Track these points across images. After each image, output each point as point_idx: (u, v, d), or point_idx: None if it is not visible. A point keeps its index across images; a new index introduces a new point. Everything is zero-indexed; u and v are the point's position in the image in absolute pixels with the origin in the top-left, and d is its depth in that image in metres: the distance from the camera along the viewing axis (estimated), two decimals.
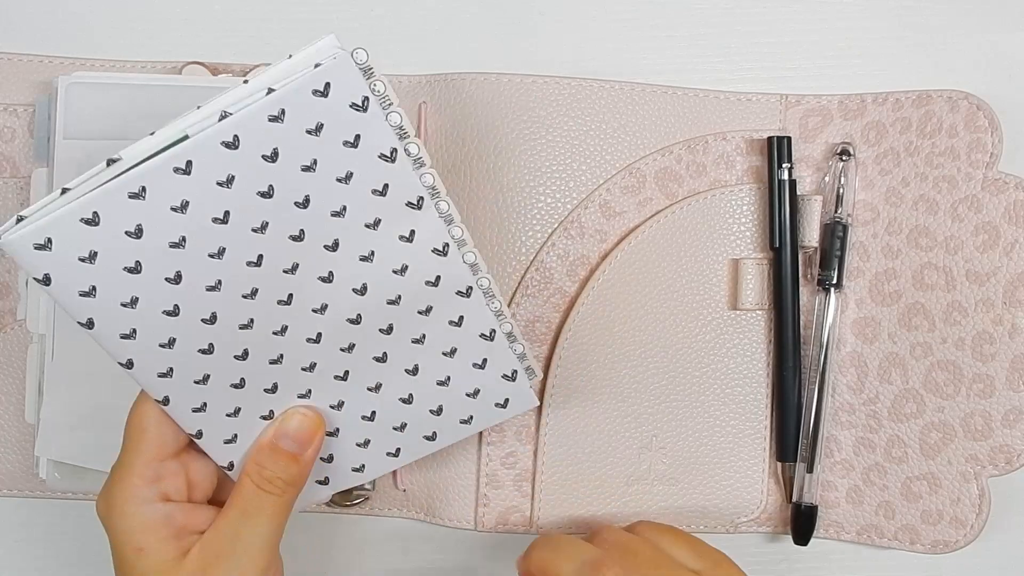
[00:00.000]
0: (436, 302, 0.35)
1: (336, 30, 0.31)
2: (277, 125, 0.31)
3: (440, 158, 0.46)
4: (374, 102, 0.31)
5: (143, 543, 0.34)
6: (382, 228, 0.34)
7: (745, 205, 0.46)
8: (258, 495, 0.35)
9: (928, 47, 0.47)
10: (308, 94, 0.30)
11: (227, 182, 0.31)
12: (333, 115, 0.31)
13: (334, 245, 0.33)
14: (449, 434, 0.39)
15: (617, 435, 0.46)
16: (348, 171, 0.32)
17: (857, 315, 0.46)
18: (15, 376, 0.46)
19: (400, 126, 0.32)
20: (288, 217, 0.32)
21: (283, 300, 0.34)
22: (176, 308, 0.33)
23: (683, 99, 0.46)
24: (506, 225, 0.45)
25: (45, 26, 0.47)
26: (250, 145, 0.31)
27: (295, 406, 0.36)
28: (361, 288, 0.34)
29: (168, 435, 0.35)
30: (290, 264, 0.33)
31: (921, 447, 0.45)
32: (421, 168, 0.33)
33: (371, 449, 0.38)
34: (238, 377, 0.35)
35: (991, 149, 0.45)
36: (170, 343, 0.33)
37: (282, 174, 0.31)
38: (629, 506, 0.46)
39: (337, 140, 0.31)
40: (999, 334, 0.44)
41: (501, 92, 0.46)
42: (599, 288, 0.45)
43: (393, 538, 0.47)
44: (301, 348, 0.35)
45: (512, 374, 0.38)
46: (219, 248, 0.32)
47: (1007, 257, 0.44)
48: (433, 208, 0.34)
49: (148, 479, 0.34)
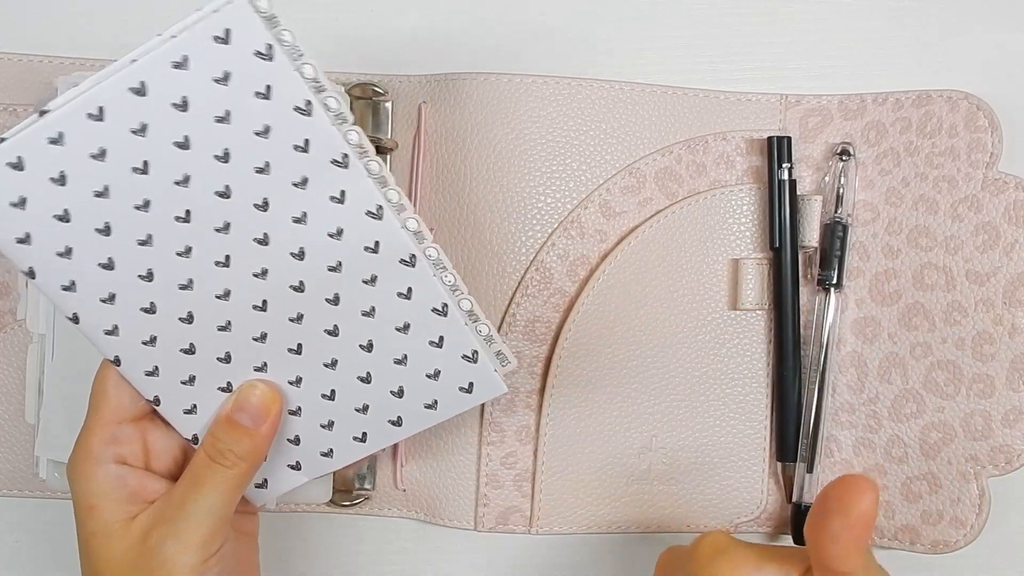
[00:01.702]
0: (379, 271, 0.35)
1: (336, 30, 0.31)
2: (182, 72, 0.31)
3: (440, 158, 0.46)
4: (281, 51, 0.31)
5: (95, 502, 0.35)
6: (311, 187, 0.33)
7: (745, 205, 0.46)
8: (209, 466, 0.35)
9: (928, 47, 0.47)
10: (208, 40, 0.31)
11: (141, 130, 0.31)
12: (238, 63, 0.31)
13: (264, 204, 0.33)
14: (415, 420, 0.38)
15: (617, 435, 0.46)
16: (265, 124, 0.32)
17: (857, 315, 0.46)
18: (15, 376, 0.46)
19: (315, 79, 0.32)
20: (210, 171, 0.33)
21: (220, 262, 0.34)
22: (111, 261, 0.33)
23: (683, 99, 0.46)
24: (506, 225, 0.45)
25: (45, 26, 0.47)
26: (158, 92, 0.31)
27: (253, 379, 0.36)
28: (299, 252, 0.34)
29: (125, 398, 0.36)
30: (221, 223, 0.33)
31: (921, 447, 0.45)
32: (344, 124, 0.33)
33: (336, 432, 0.38)
34: (187, 342, 0.35)
35: (991, 149, 0.45)
36: (110, 298, 0.34)
37: (196, 124, 0.32)
38: (629, 506, 0.46)
39: (247, 90, 0.32)
40: (999, 334, 0.44)
41: (501, 92, 0.46)
42: (599, 288, 0.45)
43: (393, 538, 0.47)
44: (248, 315, 0.35)
45: (472, 355, 0.37)
46: (144, 200, 0.33)
47: (1007, 257, 0.44)
48: (362, 167, 0.33)
49: (105, 440, 0.35)
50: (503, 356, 0.38)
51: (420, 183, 0.46)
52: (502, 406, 0.46)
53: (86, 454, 0.35)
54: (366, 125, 0.46)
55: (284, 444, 0.38)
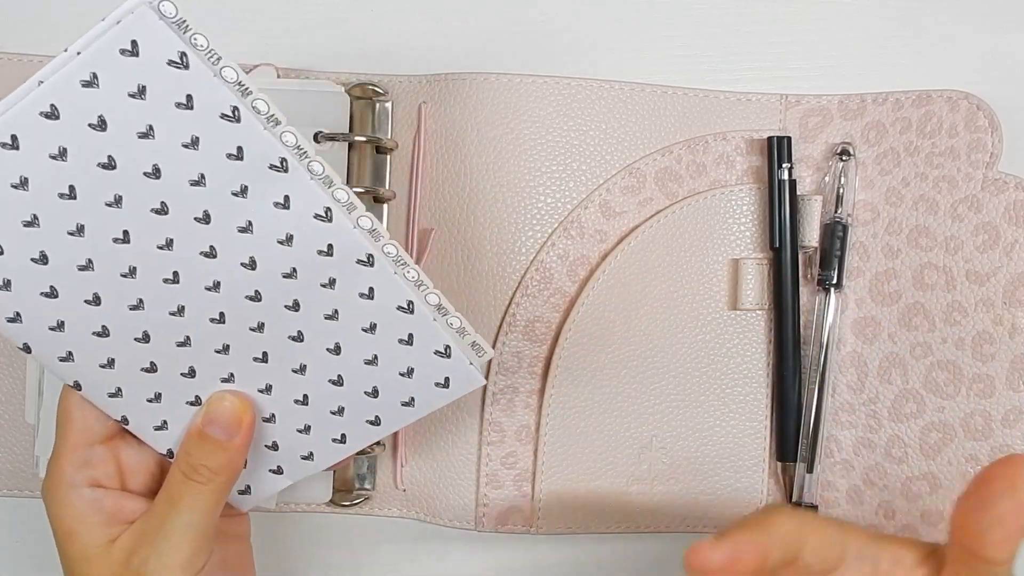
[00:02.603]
0: (337, 273, 0.34)
1: (335, 29, 0.31)
2: (93, 91, 0.29)
3: (440, 158, 0.46)
4: (196, 57, 0.30)
5: (72, 528, 0.34)
6: (252, 195, 0.32)
7: (745, 205, 0.46)
8: (184, 483, 0.35)
9: (928, 47, 0.47)
10: (116, 54, 0.29)
11: (60, 155, 0.30)
12: (153, 75, 0.30)
13: (205, 217, 0.32)
14: (393, 418, 0.37)
15: (617, 435, 0.46)
16: (192, 135, 0.31)
17: (857, 315, 0.46)
18: (15, 376, 0.46)
19: (239, 82, 0.30)
20: (142, 189, 0.31)
21: (169, 278, 0.33)
22: (53, 289, 0.32)
23: (683, 99, 0.46)
24: (506, 225, 0.45)
25: (45, 26, 0.47)
26: (71, 114, 0.30)
27: (221, 391, 0.36)
28: (250, 262, 0.33)
29: (91, 420, 0.35)
30: (163, 240, 0.32)
31: (921, 447, 0.45)
32: (278, 127, 0.31)
33: (314, 435, 0.37)
34: (147, 361, 0.34)
35: (991, 149, 0.45)
36: (59, 326, 0.33)
37: (118, 143, 0.30)
38: (629, 506, 0.46)
39: (167, 102, 0.30)
40: (999, 334, 0.44)
41: (501, 92, 0.46)
42: (599, 288, 0.45)
43: (393, 538, 0.47)
44: (206, 328, 0.34)
45: (445, 350, 0.36)
46: (77, 225, 0.31)
47: (1007, 257, 0.44)
48: (303, 169, 0.32)
49: (76, 464, 0.35)
50: (478, 346, 0.37)
51: (420, 183, 0.46)
52: (502, 406, 0.46)
53: (59, 480, 0.35)
54: (366, 125, 0.46)
55: (263, 450, 0.37)
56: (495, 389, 0.45)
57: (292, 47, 0.47)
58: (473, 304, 0.45)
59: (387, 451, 0.46)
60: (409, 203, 0.46)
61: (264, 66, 0.46)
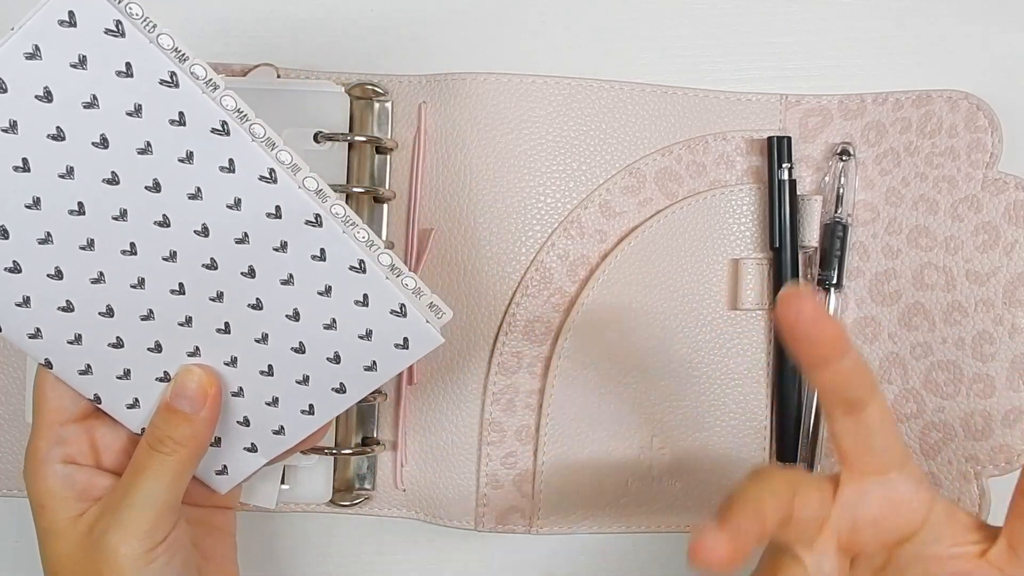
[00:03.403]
0: (288, 236, 0.34)
1: (336, 29, 0.31)
2: (36, 62, 0.31)
3: (440, 158, 0.46)
4: (131, 25, 0.31)
5: (44, 502, 0.35)
6: (198, 160, 0.33)
7: (745, 205, 0.46)
8: (149, 454, 0.35)
9: (928, 47, 0.47)
10: (54, 25, 0.30)
11: (11, 127, 0.31)
12: (91, 45, 0.31)
13: (155, 185, 0.33)
14: (358, 384, 0.37)
15: (617, 435, 0.46)
16: (135, 103, 0.32)
17: (857, 315, 0.46)
18: (15, 376, 0.46)
19: (175, 48, 0.32)
20: (91, 159, 0.32)
21: (126, 250, 0.34)
22: (16, 265, 0.33)
23: (683, 99, 0.46)
24: (506, 225, 0.45)
25: None
26: (18, 86, 0.31)
27: (188, 365, 0.36)
28: (202, 229, 0.34)
29: (65, 399, 0.36)
30: (118, 211, 0.33)
31: (921, 447, 0.45)
32: (217, 91, 0.32)
33: (283, 408, 0.37)
34: (112, 336, 0.35)
35: (991, 149, 0.45)
36: (25, 301, 0.34)
37: (65, 114, 0.32)
38: (629, 506, 0.46)
39: (108, 71, 0.31)
40: (999, 334, 0.44)
41: (501, 92, 0.46)
42: (599, 288, 0.45)
43: (393, 538, 0.47)
44: (168, 301, 0.35)
45: (401, 308, 0.36)
46: (33, 198, 0.32)
47: (1007, 257, 0.44)
48: (245, 132, 0.33)
49: (51, 442, 0.36)
50: (436, 307, 0.37)
51: (420, 183, 0.46)
52: (502, 406, 0.46)
53: (34, 457, 0.36)
54: (366, 125, 0.46)
55: (234, 427, 0.38)
56: (495, 389, 0.45)
57: (292, 47, 0.47)
58: (473, 304, 0.45)
59: (387, 451, 0.46)
60: (409, 203, 0.46)
61: (264, 66, 0.46)
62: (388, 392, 0.46)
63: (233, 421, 0.38)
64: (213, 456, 0.38)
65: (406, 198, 0.46)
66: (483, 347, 0.46)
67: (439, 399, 0.46)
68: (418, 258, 0.46)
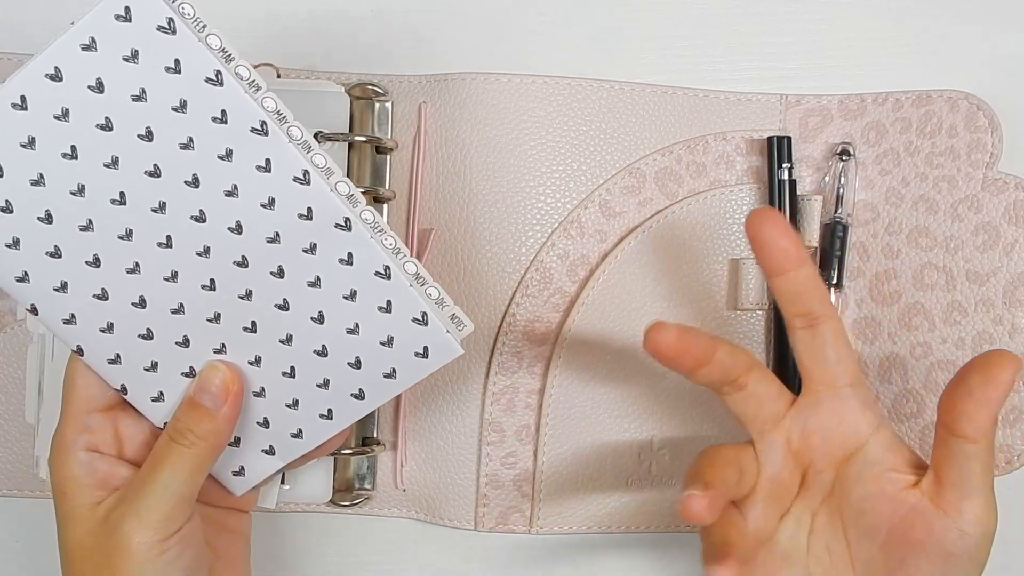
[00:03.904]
0: (318, 238, 0.35)
1: (336, 29, 0.31)
2: (92, 54, 0.32)
3: (440, 158, 0.46)
4: (182, 24, 0.32)
5: (65, 488, 0.36)
6: (236, 158, 0.34)
7: (745, 205, 0.46)
8: (169, 446, 0.36)
9: (928, 47, 0.47)
10: (111, 19, 0.32)
11: (63, 115, 0.33)
12: (144, 40, 0.32)
13: (194, 181, 0.34)
14: (377, 391, 0.38)
15: (617, 435, 0.46)
16: (181, 99, 0.33)
17: (857, 315, 0.46)
18: (15, 376, 0.46)
19: (223, 48, 0.33)
20: (136, 151, 0.33)
21: (163, 243, 0.35)
22: (57, 249, 0.34)
23: (683, 99, 0.46)
24: (506, 225, 0.45)
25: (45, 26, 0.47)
26: (73, 76, 0.32)
27: (214, 361, 0.37)
28: (236, 226, 0.35)
29: (93, 388, 0.37)
30: (157, 203, 0.34)
31: (921, 447, 0.45)
32: (259, 92, 0.33)
33: (302, 411, 0.38)
34: (143, 327, 0.36)
35: (991, 149, 0.45)
36: (63, 287, 0.35)
37: (114, 104, 0.33)
38: (629, 506, 0.46)
39: (157, 66, 0.32)
40: (999, 334, 0.44)
41: (501, 92, 0.46)
42: (599, 288, 0.45)
43: (393, 538, 0.47)
44: (198, 295, 0.36)
45: (422, 317, 0.36)
46: (79, 185, 0.34)
47: (1007, 257, 0.44)
48: (283, 133, 0.34)
49: (76, 429, 0.36)
50: (458, 319, 0.37)
51: (420, 183, 0.46)
52: (502, 406, 0.46)
53: (60, 443, 0.36)
54: (366, 125, 0.46)
55: (254, 428, 0.38)
56: (495, 389, 0.45)
57: (292, 47, 0.47)
58: (473, 304, 0.45)
59: (387, 451, 0.46)
60: (409, 203, 0.46)
61: (264, 66, 0.46)
62: None
63: (253, 422, 0.38)
64: (231, 456, 0.38)
65: (406, 198, 0.46)
66: (483, 347, 0.46)
67: (439, 399, 0.46)
68: (418, 258, 0.45)
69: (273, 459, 0.39)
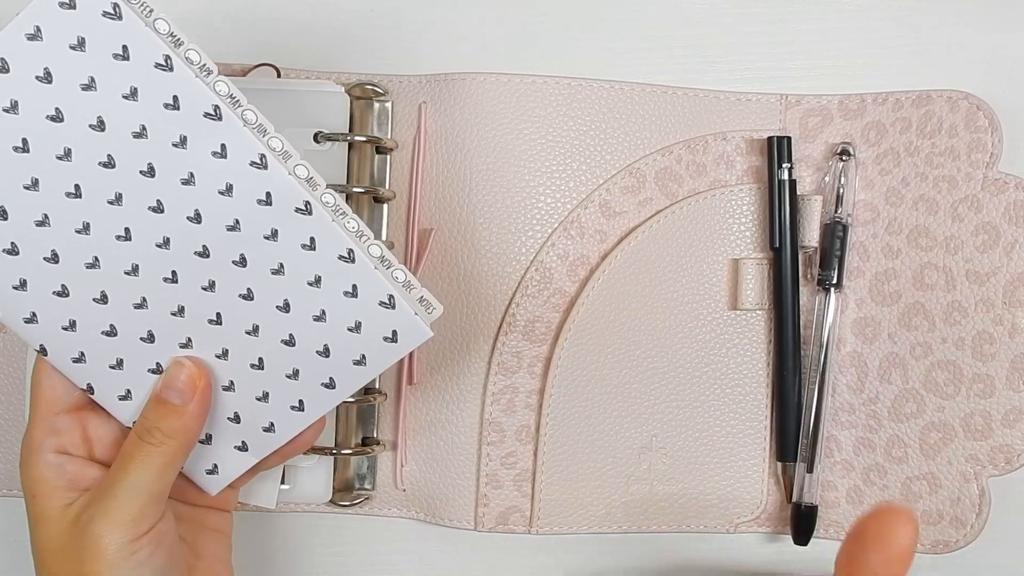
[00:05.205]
0: (278, 224, 0.34)
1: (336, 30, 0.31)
2: (38, 43, 0.32)
3: (440, 158, 0.46)
4: (128, 9, 0.32)
5: (35, 490, 0.36)
6: (191, 145, 0.33)
7: (745, 205, 0.46)
8: (137, 444, 0.35)
9: (928, 47, 0.47)
10: (55, 7, 0.31)
11: (12, 107, 0.32)
12: (90, 27, 0.32)
13: (150, 170, 0.33)
14: (348, 379, 0.37)
15: (617, 435, 0.46)
16: (131, 86, 0.32)
17: (857, 315, 0.46)
18: (15, 376, 0.46)
19: (171, 33, 0.32)
20: (89, 142, 0.33)
21: (121, 235, 0.34)
22: (13, 246, 0.34)
23: (683, 99, 0.46)
24: (506, 225, 0.45)
25: None
26: (20, 67, 0.32)
27: (180, 357, 0.36)
28: (195, 215, 0.34)
29: (59, 389, 0.36)
30: (113, 195, 0.34)
31: (921, 447, 0.45)
32: (210, 76, 0.33)
33: (273, 403, 0.37)
34: (106, 323, 0.35)
35: (991, 149, 0.45)
36: (22, 284, 0.34)
37: (63, 95, 0.32)
38: (629, 506, 0.46)
39: (105, 53, 0.32)
40: (999, 334, 0.44)
41: (501, 92, 0.46)
42: (599, 288, 0.45)
43: (393, 538, 0.47)
44: (161, 289, 0.35)
45: (389, 300, 0.36)
46: (32, 179, 0.33)
47: (1007, 257, 0.44)
48: (236, 117, 0.33)
49: (44, 431, 0.36)
50: (427, 302, 0.37)
51: (420, 183, 0.46)
52: (502, 406, 0.46)
53: (28, 445, 0.36)
54: (366, 125, 0.46)
55: (225, 424, 0.38)
56: (495, 389, 0.45)
57: (292, 47, 0.47)
58: (473, 304, 0.45)
59: (387, 451, 0.46)
60: (409, 203, 0.46)
61: (264, 66, 0.46)
62: (388, 392, 0.46)
63: (224, 417, 0.38)
64: (203, 454, 0.38)
65: (406, 198, 0.46)
66: (483, 347, 0.46)
67: (439, 399, 0.46)
68: (418, 258, 0.46)
69: (246, 455, 0.38)
